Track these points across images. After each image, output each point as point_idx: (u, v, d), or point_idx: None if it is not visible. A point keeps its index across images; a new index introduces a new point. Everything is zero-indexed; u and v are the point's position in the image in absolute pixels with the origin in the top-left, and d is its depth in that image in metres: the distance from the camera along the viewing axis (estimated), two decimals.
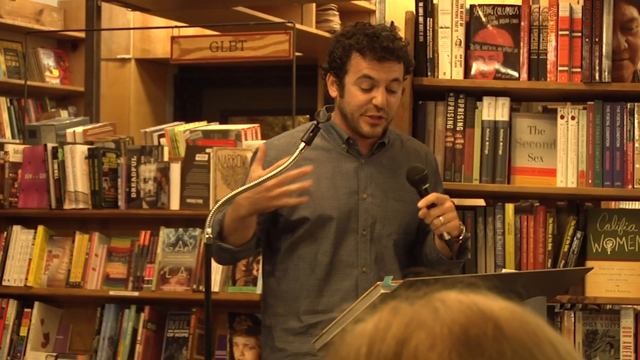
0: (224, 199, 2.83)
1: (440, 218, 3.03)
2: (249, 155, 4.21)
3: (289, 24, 5.06)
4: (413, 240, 3.31)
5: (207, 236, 2.73)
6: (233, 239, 3.10)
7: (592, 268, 2.95)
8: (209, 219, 2.77)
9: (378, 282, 2.64)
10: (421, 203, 3.06)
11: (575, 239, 3.48)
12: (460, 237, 3.12)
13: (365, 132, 3.18)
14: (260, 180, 2.97)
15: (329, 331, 2.72)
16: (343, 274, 3.19)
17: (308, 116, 7.90)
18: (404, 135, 3.38)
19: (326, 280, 3.19)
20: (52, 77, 7.40)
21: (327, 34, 6.99)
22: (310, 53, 6.99)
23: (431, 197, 3.06)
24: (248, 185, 2.99)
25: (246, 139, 4.43)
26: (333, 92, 3.22)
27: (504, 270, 3.34)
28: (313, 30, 6.86)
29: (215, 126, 4.62)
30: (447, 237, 3.04)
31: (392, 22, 3.75)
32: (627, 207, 4.57)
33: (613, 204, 4.63)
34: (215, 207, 2.80)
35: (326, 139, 3.24)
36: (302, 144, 2.98)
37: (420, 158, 3.32)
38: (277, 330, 3.23)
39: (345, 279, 3.19)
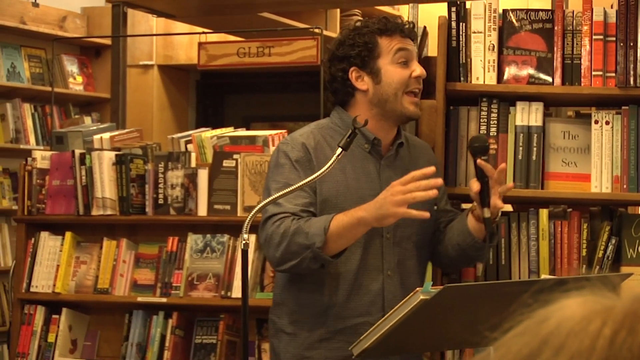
0: (265, 201, 2.81)
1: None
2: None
3: (317, 30, 5.03)
4: (429, 240, 3.29)
5: (244, 242, 2.71)
6: (332, 248, 3.01)
7: (632, 274, 2.92)
8: (246, 223, 2.75)
9: (418, 288, 2.62)
10: (490, 172, 3.06)
11: (610, 244, 3.45)
12: (496, 218, 3.13)
13: (412, 113, 3.18)
14: (297, 186, 2.96)
15: (367, 337, 2.70)
16: (370, 278, 3.16)
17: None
18: (405, 133, 3.37)
19: (354, 285, 3.15)
20: (76, 84, 7.40)
21: None
22: None
23: (491, 171, 3.06)
24: (288, 190, 2.97)
25: (273, 145, 4.41)
26: (363, 85, 3.20)
27: (543, 276, 3.31)
28: (338, 36, 6.81)
29: (242, 132, 4.60)
30: (487, 214, 3.04)
31: (425, 28, 3.74)
32: None
33: None
34: (253, 212, 2.78)
35: None
36: (339, 150, 2.95)
37: (430, 153, 3.34)
38: (300, 337, 3.18)
39: (372, 283, 3.16)
